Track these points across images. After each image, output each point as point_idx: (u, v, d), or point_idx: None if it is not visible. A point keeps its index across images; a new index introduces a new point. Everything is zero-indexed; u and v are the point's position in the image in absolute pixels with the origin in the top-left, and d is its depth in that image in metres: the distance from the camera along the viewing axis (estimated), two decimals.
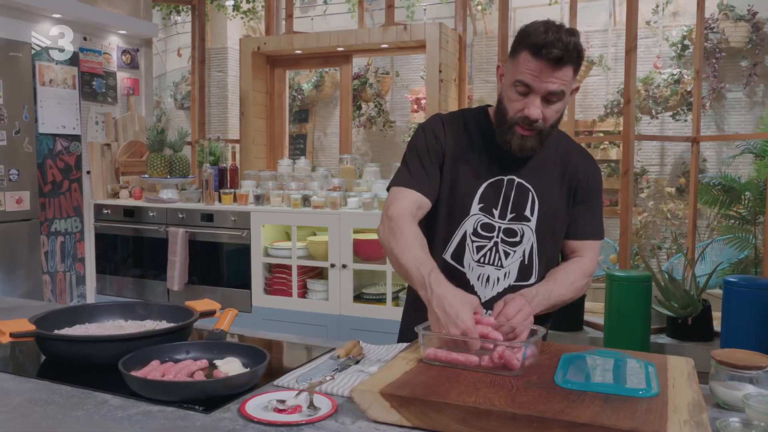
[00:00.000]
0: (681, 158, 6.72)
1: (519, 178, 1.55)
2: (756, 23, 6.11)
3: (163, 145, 4.03)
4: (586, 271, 1.57)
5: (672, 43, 6.49)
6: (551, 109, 1.44)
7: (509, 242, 1.55)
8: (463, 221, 1.56)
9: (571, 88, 1.48)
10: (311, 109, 8.69)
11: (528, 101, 1.43)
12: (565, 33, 1.40)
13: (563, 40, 1.38)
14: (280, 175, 4.09)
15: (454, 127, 1.60)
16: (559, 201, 1.57)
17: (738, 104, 6.42)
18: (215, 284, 3.88)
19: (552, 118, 1.46)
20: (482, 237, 1.56)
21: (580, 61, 1.43)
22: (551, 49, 1.37)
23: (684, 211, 6.31)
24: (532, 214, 1.55)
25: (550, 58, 1.38)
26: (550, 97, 1.43)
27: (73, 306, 1.62)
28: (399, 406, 1.07)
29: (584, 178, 1.59)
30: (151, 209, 3.97)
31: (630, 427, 0.94)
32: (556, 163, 1.58)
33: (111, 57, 4.35)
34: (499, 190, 1.55)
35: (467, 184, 1.56)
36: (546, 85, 1.41)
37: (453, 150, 1.57)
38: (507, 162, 1.55)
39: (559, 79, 1.41)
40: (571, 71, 1.43)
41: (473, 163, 1.56)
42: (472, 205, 1.56)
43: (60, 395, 1.22)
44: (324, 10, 7.05)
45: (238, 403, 1.17)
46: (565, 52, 1.38)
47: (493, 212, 1.55)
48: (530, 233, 1.55)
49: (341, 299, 3.56)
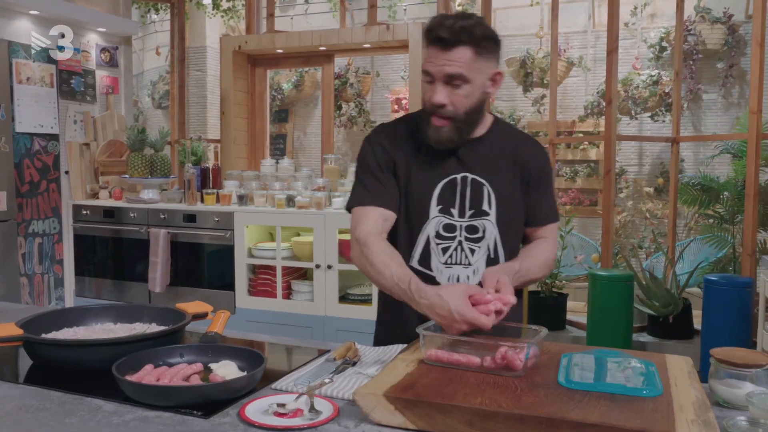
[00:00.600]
0: (659, 158, 6.80)
1: (472, 174, 1.56)
2: (732, 25, 6.21)
3: (143, 145, 3.97)
4: (552, 253, 1.63)
5: (650, 45, 6.56)
6: (458, 94, 1.45)
7: (472, 239, 1.56)
8: (424, 226, 1.56)
9: (487, 73, 1.48)
10: (291, 108, 8.64)
11: (433, 88, 1.46)
12: (455, 17, 1.43)
13: (448, 23, 1.42)
14: (263, 175, 4.05)
15: (399, 134, 1.61)
16: (514, 191, 1.58)
17: (714, 105, 6.51)
18: (198, 286, 3.83)
19: (462, 104, 1.47)
20: (445, 238, 1.56)
21: (480, 42, 1.43)
22: (437, 31, 1.42)
23: (663, 211, 6.38)
24: (490, 207, 1.56)
25: (437, 41, 1.42)
26: (451, 81, 1.44)
27: (60, 309, 1.58)
28: (404, 408, 1.06)
29: (534, 165, 1.60)
30: (132, 210, 3.90)
31: (640, 427, 0.94)
32: (505, 154, 1.59)
33: (90, 55, 4.26)
34: (454, 189, 1.55)
35: (422, 188, 1.56)
36: (441, 68, 1.43)
37: (402, 158, 1.58)
38: (458, 160, 1.56)
39: (453, 60, 1.42)
40: (469, 53, 1.43)
41: (424, 166, 1.56)
42: (431, 208, 1.56)
43: (51, 401, 1.18)
44: (305, 9, 7.01)
45: (236, 407, 1.15)
46: (451, 33, 1.41)
47: (452, 212, 1.56)
48: (492, 227, 1.56)
49: (326, 300, 3.53)
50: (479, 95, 1.49)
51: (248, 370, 1.25)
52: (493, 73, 1.51)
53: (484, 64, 1.46)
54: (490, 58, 1.48)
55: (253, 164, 5.60)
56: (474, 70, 1.45)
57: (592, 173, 7.00)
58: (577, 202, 6.95)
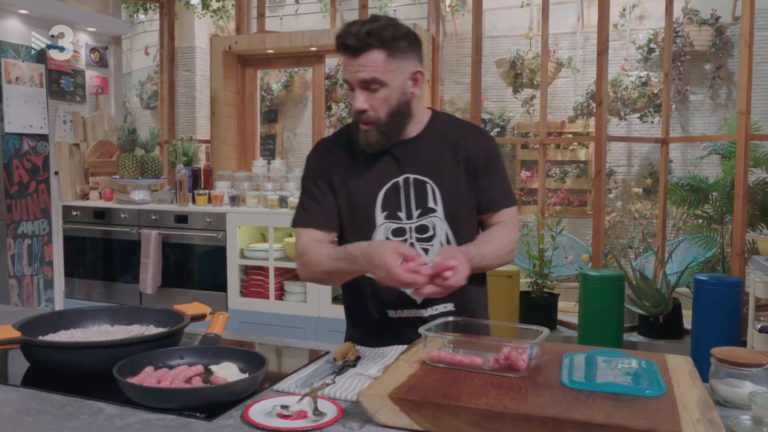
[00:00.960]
0: (647, 159, 6.85)
1: (413, 174, 1.55)
2: (719, 27, 6.27)
3: (134, 145, 3.94)
4: (512, 238, 1.57)
5: (639, 46, 6.61)
6: (377, 98, 1.45)
7: (424, 238, 1.55)
8: (372, 234, 1.55)
9: (405, 73, 1.47)
10: (280, 109, 8.62)
11: (353, 96, 1.47)
12: (362, 23, 1.43)
13: (354, 30, 1.42)
14: (255, 176, 4.04)
15: (336, 147, 1.61)
16: (458, 183, 1.56)
17: (702, 106, 6.57)
18: (189, 287, 3.81)
19: (382, 107, 1.46)
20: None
21: (391, 44, 1.43)
22: (342, 41, 1.43)
23: (651, 211, 6.43)
24: (436, 203, 1.54)
25: (346, 48, 1.43)
26: (368, 86, 1.44)
27: (57, 311, 1.56)
28: (409, 410, 1.06)
29: (477, 153, 1.57)
30: (123, 211, 3.87)
31: (646, 427, 0.94)
32: (445, 147, 1.57)
33: (79, 55, 4.23)
34: (397, 192, 1.54)
35: (365, 197, 1.55)
36: (354, 74, 1.44)
37: (341, 171, 1.58)
38: (397, 163, 1.55)
39: (365, 66, 1.42)
40: (381, 56, 1.42)
41: (364, 175, 1.56)
42: (376, 216, 1.55)
43: (51, 404, 1.17)
44: (296, 9, 6.99)
45: (239, 409, 1.14)
46: (357, 38, 1.41)
47: (399, 215, 1.55)
48: (441, 222, 1.55)
49: (320, 301, 3.53)
50: (398, 97, 1.47)
51: (249, 372, 1.25)
52: (413, 72, 1.49)
53: (399, 65, 1.45)
54: (405, 57, 1.46)
55: (243, 165, 5.58)
56: (389, 73, 1.44)
57: (581, 174, 7.04)
58: (567, 203, 6.99)
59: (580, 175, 7.04)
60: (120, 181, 4.00)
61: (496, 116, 7.20)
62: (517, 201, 1.64)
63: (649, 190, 6.67)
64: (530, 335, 1.31)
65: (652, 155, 6.80)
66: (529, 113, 7.19)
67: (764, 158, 4.79)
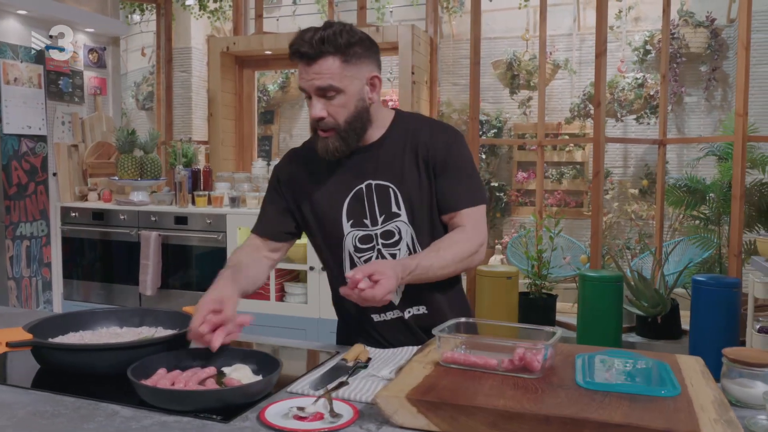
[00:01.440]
0: (643, 160, 6.89)
1: (375, 180, 1.54)
2: (714, 29, 6.31)
3: (133, 147, 3.93)
4: (473, 242, 1.50)
5: (635, 48, 6.65)
6: (334, 106, 1.44)
7: (390, 243, 1.55)
8: (342, 244, 1.56)
9: (362, 79, 1.45)
10: (276, 110, 8.62)
11: (310, 103, 1.46)
12: (315, 29, 1.42)
13: (308, 37, 1.40)
14: (255, 177, 4.04)
15: (302, 157, 1.62)
16: (420, 185, 1.53)
17: (698, 108, 6.61)
18: (189, 288, 3.80)
19: (340, 114, 1.45)
20: (364, 250, 1.55)
21: (345, 50, 1.41)
22: (295, 48, 1.42)
23: (647, 212, 6.46)
24: (400, 208, 1.53)
25: (298, 56, 1.42)
26: (325, 93, 1.43)
27: (64, 313, 1.56)
28: (427, 411, 1.06)
29: (437, 152, 1.53)
30: (122, 212, 3.86)
31: (665, 428, 0.95)
32: (406, 150, 1.54)
33: (78, 55, 4.21)
34: (361, 199, 1.54)
35: (330, 207, 1.55)
36: (310, 82, 1.42)
37: (305, 181, 1.59)
38: (359, 170, 1.54)
39: (320, 73, 1.41)
40: (336, 62, 1.41)
41: (329, 184, 1.56)
42: (343, 225, 1.55)
43: (65, 407, 1.17)
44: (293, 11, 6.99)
45: (254, 411, 1.14)
46: (310, 46, 1.39)
47: (365, 222, 1.54)
48: (405, 226, 1.54)
49: (320, 302, 3.52)
50: (356, 102, 1.46)
51: (262, 374, 1.25)
52: (369, 77, 1.48)
53: (355, 71, 1.44)
54: (362, 63, 1.45)
55: (240, 166, 5.57)
56: (345, 79, 1.42)
57: (577, 175, 7.06)
58: (563, 204, 7.01)
59: (576, 177, 7.07)
60: (119, 183, 3.99)
61: (493, 117, 7.22)
62: (485, 200, 1.58)
63: (645, 191, 6.71)
64: (541, 336, 1.31)
65: (648, 156, 6.84)
66: (525, 114, 7.22)
67: (761, 159, 4.82)
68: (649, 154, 6.85)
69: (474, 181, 1.56)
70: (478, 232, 1.52)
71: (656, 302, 4.36)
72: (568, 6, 6.98)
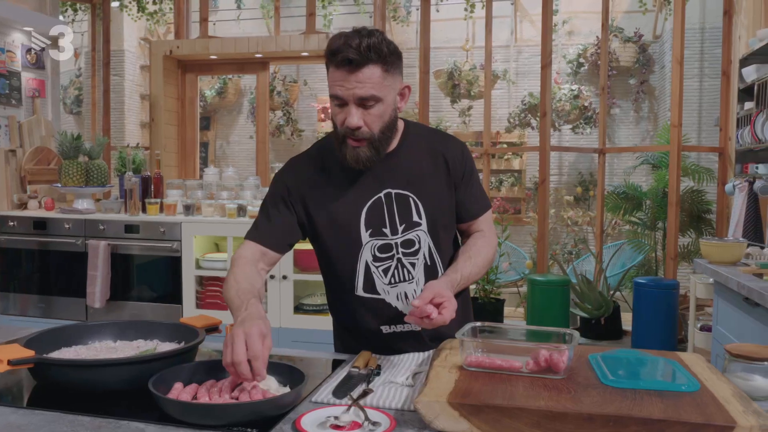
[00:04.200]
0: (575, 168, 7.17)
1: (395, 189, 1.53)
2: (642, 44, 6.66)
3: (78, 152, 3.75)
4: (492, 245, 1.59)
5: (569, 61, 6.92)
6: (372, 115, 1.42)
7: (410, 252, 1.54)
8: (359, 253, 1.53)
9: (396, 89, 1.46)
10: (213, 116, 8.43)
11: (345, 111, 1.42)
12: (358, 35, 1.37)
13: (352, 43, 1.36)
14: (208, 184, 3.94)
15: (308, 166, 1.58)
16: (440, 194, 1.55)
17: (627, 119, 6.95)
18: (141, 299, 3.66)
19: (376, 124, 1.43)
20: (383, 259, 1.53)
21: (387, 58, 1.40)
22: (341, 54, 1.36)
23: (583, 219, 6.73)
24: (420, 217, 1.53)
25: (344, 63, 1.37)
26: (364, 103, 1.40)
27: (53, 328, 1.47)
28: (469, 414, 1.07)
29: (453, 161, 1.56)
30: (67, 221, 3.67)
31: (703, 421, 1.00)
32: (424, 158, 1.56)
33: (15, 55, 3.99)
34: (380, 208, 1.52)
35: (347, 217, 1.53)
36: (352, 91, 1.38)
37: (315, 191, 1.55)
38: (377, 179, 1.53)
39: (363, 82, 1.38)
40: (378, 71, 1.39)
41: (345, 193, 1.53)
42: (361, 234, 1.52)
43: (84, 426, 1.11)
44: (237, 15, 6.87)
45: (286, 423, 1.12)
46: (357, 53, 1.36)
47: (384, 231, 1.52)
48: (425, 235, 1.54)
49: (281, 311, 3.47)
50: (391, 112, 1.46)
51: (288, 385, 1.23)
52: (402, 87, 1.48)
53: (392, 80, 1.43)
54: (397, 73, 1.45)
55: (183, 173, 5.42)
56: (385, 88, 1.41)
57: (516, 182, 7.27)
58: (503, 211, 7.20)
59: (514, 184, 7.27)
60: (62, 190, 3.79)
61: (434, 126, 7.33)
62: (490, 203, 1.66)
63: (579, 198, 6.99)
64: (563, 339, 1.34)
65: (581, 165, 7.13)
66: (465, 123, 7.37)
67: (692, 168, 5.12)
68: (581, 163, 7.14)
69: (482, 187, 1.64)
70: (493, 234, 1.61)
71: (600, 304, 4.55)
72: (506, 19, 7.19)
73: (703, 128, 5.95)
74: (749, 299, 2.54)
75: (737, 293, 2.68)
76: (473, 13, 5.27)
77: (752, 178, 3.60)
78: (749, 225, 3.59)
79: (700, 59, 5.96)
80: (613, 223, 6.39)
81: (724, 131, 4.68)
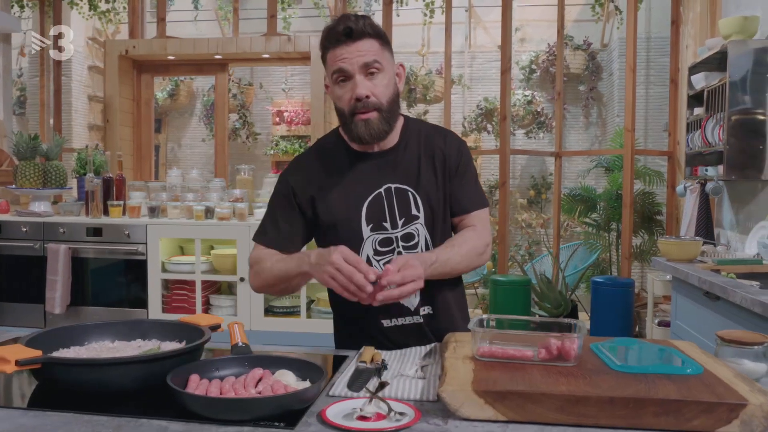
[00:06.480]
0: (528, 171, 7.35)
1: (394, 184, 1.57)
2: (591, 52, 6.90)
3: (35, 153, 3.62)
4: (483, 240, 1.59)
5: (522, 67, 7.10)
6: (377, 84, 1.48)
7: (410, 246, 1.58)
8: (360, 248, 1.57)
9: (393, 66, 1.54)
10: (164, 119, 8.26)
11: (352, 84, 1.47)
12: (352, 15, 1.48)
13: (349, 19, 1.46)
14: (171, 186, 3.86)
15: (313, 163, 1.62)
16: (437, 188, 1.59)
17: (577, 124, 7.18)
18: (104, 304, 3.56)
19: (383, 93, 1.49)
20: (384, 253, 1.57)
21: (382, 35, 1.50)
22: (339, 27, 1.45)
23: (536, 221, 6.90)
24: (419, 210, 1.58)
25: (343, 35, 1.45)
26: (369, 70, 1.46)
27: (47, 330, 1.43)
28: (494, 401, 1.10)
29: (449, 155, 1.60)
30: (24, 224, 3.54)
31: (716, 400, 1.06)
32: (421, 154, 1.60)
33: None
34: (380, 203, 1.56)
35: (348, 212, 1.56)
36: (356, 60, 1.45)
37: (318, 187, 1.58)
38: (378, 174, 1.57)
39: (364, 50, 1.45)
40: (376, 44, 1.47)
41: (344, 189, 1.57)
42: (362, 230, 1.56)
43: (105, 426, 1.08)
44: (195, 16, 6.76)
45: (310, 416, 1.13)
46: (355, 25, 1.45)
47: (385, 226, 1.56)
48: (422, 229, 1.58)
49: (251, 314, 3.44)
50: (393, 87, 1.52)
51: (312, 380, 1.23)
52: (397, 64, 1.57)
53: (389, 56, 1.52)
54: (391, 52, 1.53)
55: (140, 175, 5.29)
56: (385, 60, 1.49)
57: None
58: None
59: None
60: (17, 192, 3.65)
61: None
62: (488, 203, 1.69)
63: (532, 201, 7.16)
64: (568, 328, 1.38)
65: (533, 168, 7.32)
66: None
67: (643, 171, 5.33)
68: (534, 166, 7.33)
69: (479, 185, 1.66)
70: (487, 232, 1.61)
71: (559, 303, 4.68)
72: (460, 25, 7.31)
73: (649, 133, 6.20)
74: (710, 293, 2.67)
75: (698, 288, 2.81)
76: (432, 18, 5.34)
77: (703, 180, 3.78)
78: (701, 224, 3.77)
79: (647, 67, 6.22)
80: (566, 225, 6.58)
81: (672, 136, 4.89)
